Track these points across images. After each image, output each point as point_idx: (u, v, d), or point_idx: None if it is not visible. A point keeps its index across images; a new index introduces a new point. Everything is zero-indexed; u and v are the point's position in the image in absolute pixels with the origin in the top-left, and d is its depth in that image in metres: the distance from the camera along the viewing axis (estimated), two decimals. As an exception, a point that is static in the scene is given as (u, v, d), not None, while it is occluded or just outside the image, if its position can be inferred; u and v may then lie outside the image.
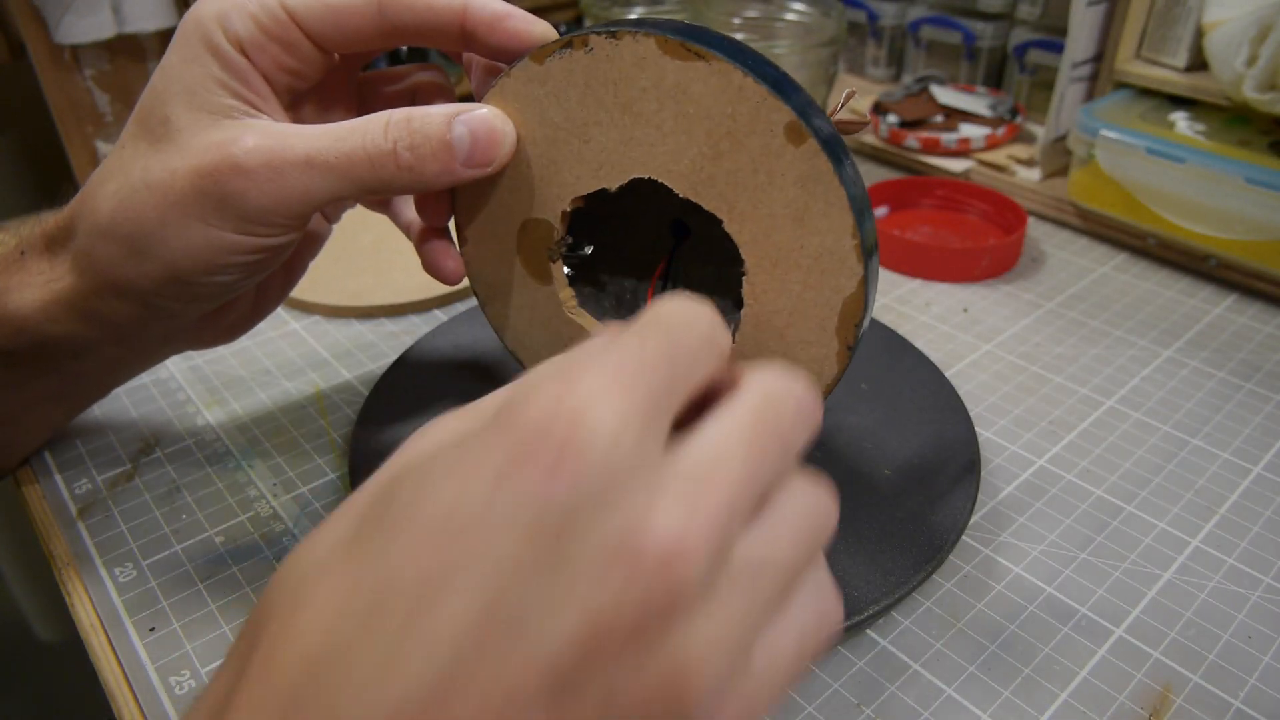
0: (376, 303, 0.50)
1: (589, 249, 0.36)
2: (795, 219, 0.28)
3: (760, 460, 0.19)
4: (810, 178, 0.27)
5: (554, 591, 0.16)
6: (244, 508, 0.37)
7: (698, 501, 0.17)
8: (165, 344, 0.36)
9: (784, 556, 0.19)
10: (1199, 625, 0.32)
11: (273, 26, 0.28)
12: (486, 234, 0.34)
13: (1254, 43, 0.49)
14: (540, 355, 0.36)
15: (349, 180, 0.28)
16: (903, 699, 0.30)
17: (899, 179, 0.60)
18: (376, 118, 0.28)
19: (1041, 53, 0.68)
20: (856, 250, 0.28)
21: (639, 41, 0.27)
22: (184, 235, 0.29)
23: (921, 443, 0.37)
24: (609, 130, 0.29)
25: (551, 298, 0.34)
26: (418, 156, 0.28)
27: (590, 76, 0.29)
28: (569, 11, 0.79)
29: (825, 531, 0.20)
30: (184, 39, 0.29)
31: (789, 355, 0.31)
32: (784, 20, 0.63)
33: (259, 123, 0.29)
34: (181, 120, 0.28)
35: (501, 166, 0.30)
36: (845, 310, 0.29)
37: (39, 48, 0.59)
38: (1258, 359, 0.46)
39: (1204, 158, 0.49)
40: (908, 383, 0.41)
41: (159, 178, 0.28)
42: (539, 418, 0.17)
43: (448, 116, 0.28)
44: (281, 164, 0.28)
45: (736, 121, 0.27)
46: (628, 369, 0.18)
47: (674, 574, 0.16)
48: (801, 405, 0.20)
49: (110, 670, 0.31)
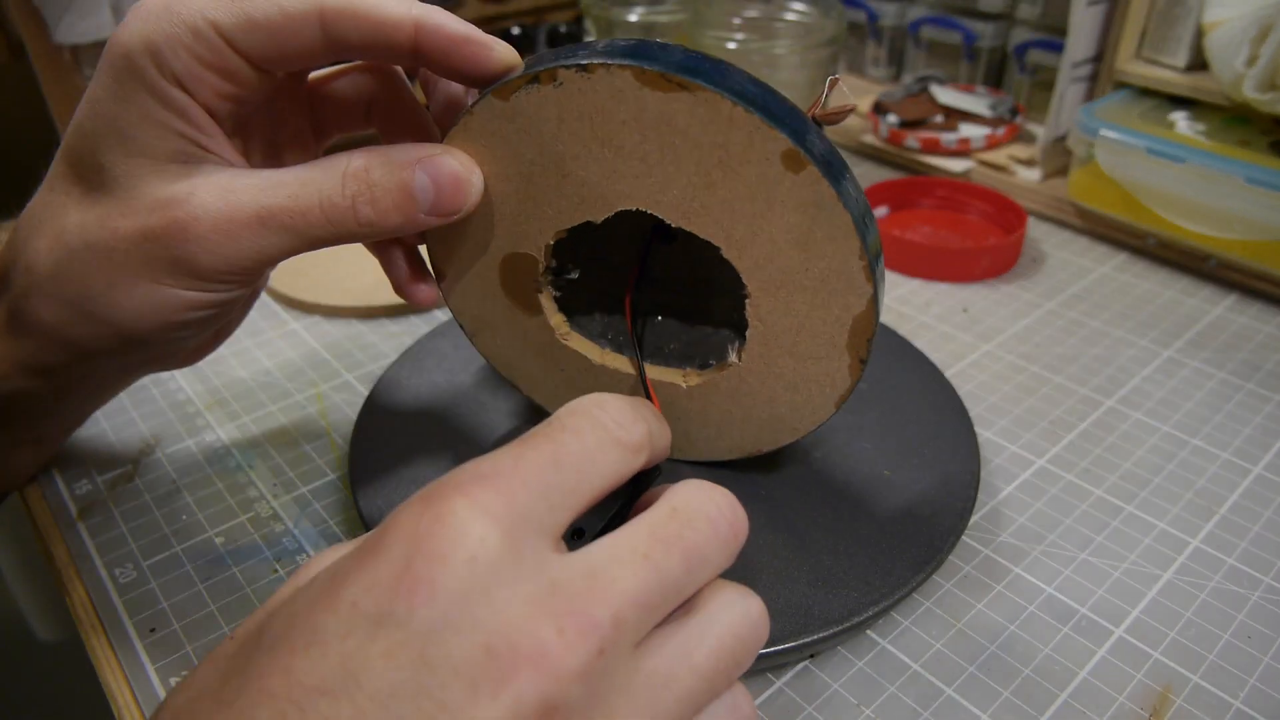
0: (376, 303, 0.50)
1: (575, 273, 0.34)
2: (798, 244, 0.27)
3: (655, 572, 0.18)
4: (812, 204, 0.26)
5: (426, 710, 0.16)
6: (244, 508, 0.37)
7: (572, 610, 0.17)
8: (124, 376, 0.34)
9: (696, 672, 0.18)
10: (1199, 625, 0.32)
11: (209, 56, 0.25)
12: (466, 270, 0.32)
13: (1254, 43, 0.49)
14: (538, 382, 0.35)
15: (305, 238, 0.27)
16: (903, 699, 0.30)
17: (899, 179, 0.60)
18: (333, 168, 0.26)
19: (1041, 53, 0.68)
20: (865, 270, 0.27)
21: (613, 74, 0.25)
22: (133, 297, 0.27)
23: (921, 443, 0.37)
24: (588, 164, 0.28)
25: (543, 327, 0.33)
26: (378, 210, 0.27)
27: (563, 111, 0.27)
28: (569, 11, 0.79)
29: (749, 647, 0.20)
30: (113, 74, 0.26)
31: (800, 371, 0.30)
32: (784, 20, 0.63)
33: (206, 174, 0.26)
34: (118, 169, 0.26)
35: (469, 213, 0.29)
36: (856, 327, 0.28)
37: (39, 48, 0.59)
38: (1258, 359, 0.46)
39: (1204, 158, 0.49)
40: (907, 383, 0.41)
41: (99, 237, 0.26)
42: (395, 543, 0.17)
43: (408, 164, 0.27)
44: (233, 225, 0.26)
45: (729, 151, 0.26)
46: (495, 484, 0.18)
47: (545, 684, 0.16)
48: (715, 519, 0.20)
49: (110, 670, 0.31)
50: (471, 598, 0.17)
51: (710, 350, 0.35)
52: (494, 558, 0.17)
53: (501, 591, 0.17)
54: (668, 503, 0.20)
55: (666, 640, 0.19)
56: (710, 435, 0.34)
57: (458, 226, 0.31)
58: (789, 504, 0.34)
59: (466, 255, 0.32)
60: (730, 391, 0.32)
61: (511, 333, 0.34)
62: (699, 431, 0.34)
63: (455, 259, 0.32)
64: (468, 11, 0.73)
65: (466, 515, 0.17)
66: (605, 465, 0.20)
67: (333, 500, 0.38)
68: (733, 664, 0.19)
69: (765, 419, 0.32)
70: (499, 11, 0.75)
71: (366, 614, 0.17)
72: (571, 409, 0.20)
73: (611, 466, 0.20)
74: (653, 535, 0.19)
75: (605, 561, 0.18)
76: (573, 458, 0.19)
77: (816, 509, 0.34)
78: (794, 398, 0.31)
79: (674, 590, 0.19)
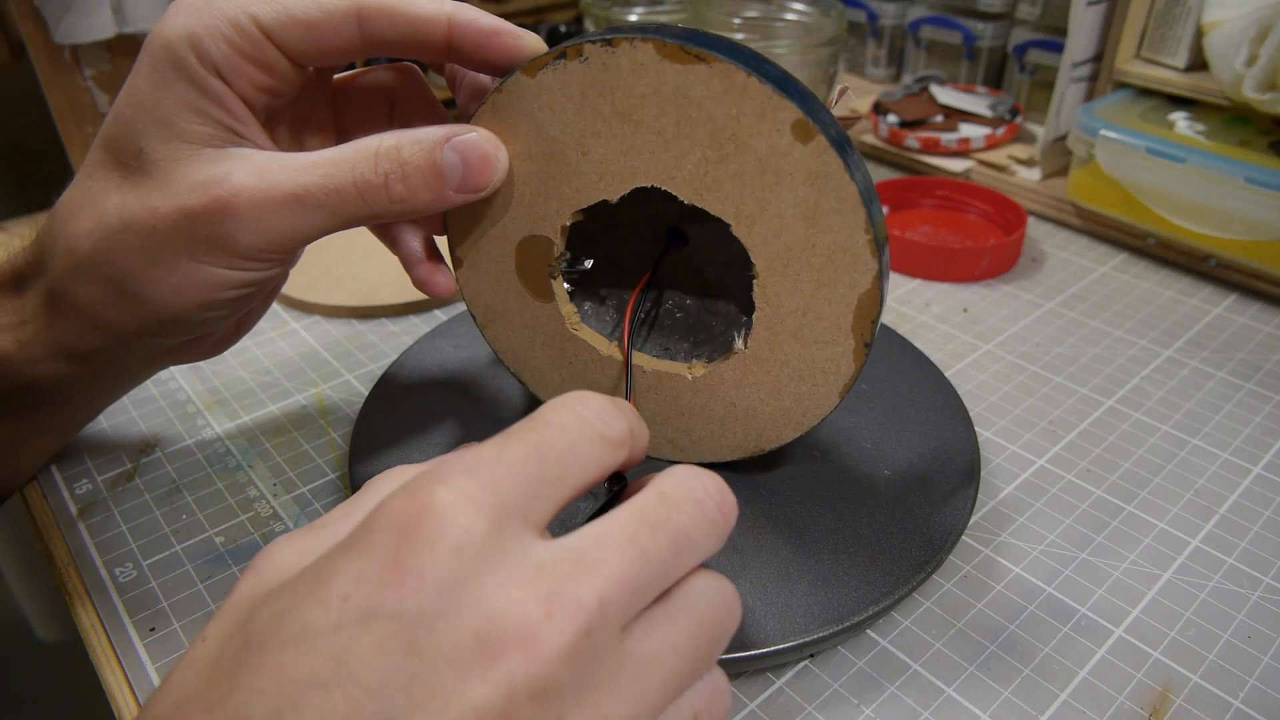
0: (376, 303, 0.50)
1: (589, 263, 0.35)
2: (806, 218, 0.28)
3: (641, 555, 0.18)
4: (820, 175, 0.27)
5: (418, 698, 0.16)
6: (244, 508, 0.37)
7: (559, 592, 0.17)
8: (150, 365, 0.35)
9: (679, 655, 0.19)
10: (1199, 625, 0.32)
11: (248, 47, 0.27)
12: (483, 255, 0.33)
13: (1254, 43, 0.49)
14: (544, 375, 0.36)
15: (339, 215, 0.28)
16: (903, 699, 0.30)
17: (899, 179, 0.60)
18: (365, 148, 0.27)
19: (1041, 53, 0.68)
20: (870, 245, 0.27)
21: (636, 47, 0.27)
22: (173, 276, 0.28)
23: (921, 443, 0.37)
24: (608, 140, 0.29)
25: (553, 315, 0.34)
26: (409, 188, 0.27)
27: (586, 86, 0.28)
28: (569, 11, 0.79)
29: (726, 630, 0.20)
30: (153, 63, 0.27)
31: (805, 357, 0.31)
32: (784, 20, 0.63)
33: (244, 156, 0.27)
34: (158, 152, 0.27)
35: (495, 190, 0.30)
36: (861, 307, 0.29)
37: (39, 48, 0.59)
38: (1258, 359, 0.46)
39: (1204, 158, 0.49)
40: (908, 383, 0.41)
41: (140, 217, 0.27)
42: (382, 534, 0.17)
43: (438, 143, 0.28)
44: (270, 203, 0.27)
45: (741, 123, 0.27)
46: (479, 473, 0.18)
47: (533, 665, 0.16)
48: (704, 502, 0.20)
49: (110, 670, 0.31)
50: (459, 586, 0.17)
51: (716, 351, 0.35)
52: (480, 546, 0.17)
53: (489, 578, 0.17)
54: (656, 487, 0.20)
55: (652, 623, 0.19)
56: (714, 432, 0.34)
57: (479, 208, 0.32)
58: (789, 504, 0.34)
59: (485, 238, 0.33)
60: (735, 382, 0.32)
61: (522, 322, 0.35)
62: (702, 429, 0.34)
63: (473, 242, 0.33)
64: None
65: (452, 505, 0.17)
66: (588, 458, 0.20)
67: (332, 500, 0.38)
68: (713, 646, 0.20)
69: (770, 412, 0.32)
70: (499, 11, 0.75)
71: (356, 607, 0.17)
72: (555, 404, 0.20)
73: (595, 460, 0.20)
74: (640, 519, 0.19)
75: (592, 546, 0.18)
76: (556, 450, 0.19)
77: (816, 509, 0.34)
78: (799, 388, 0.31)
79: (661, 574, 0.19)
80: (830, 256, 0.28)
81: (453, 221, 0.33)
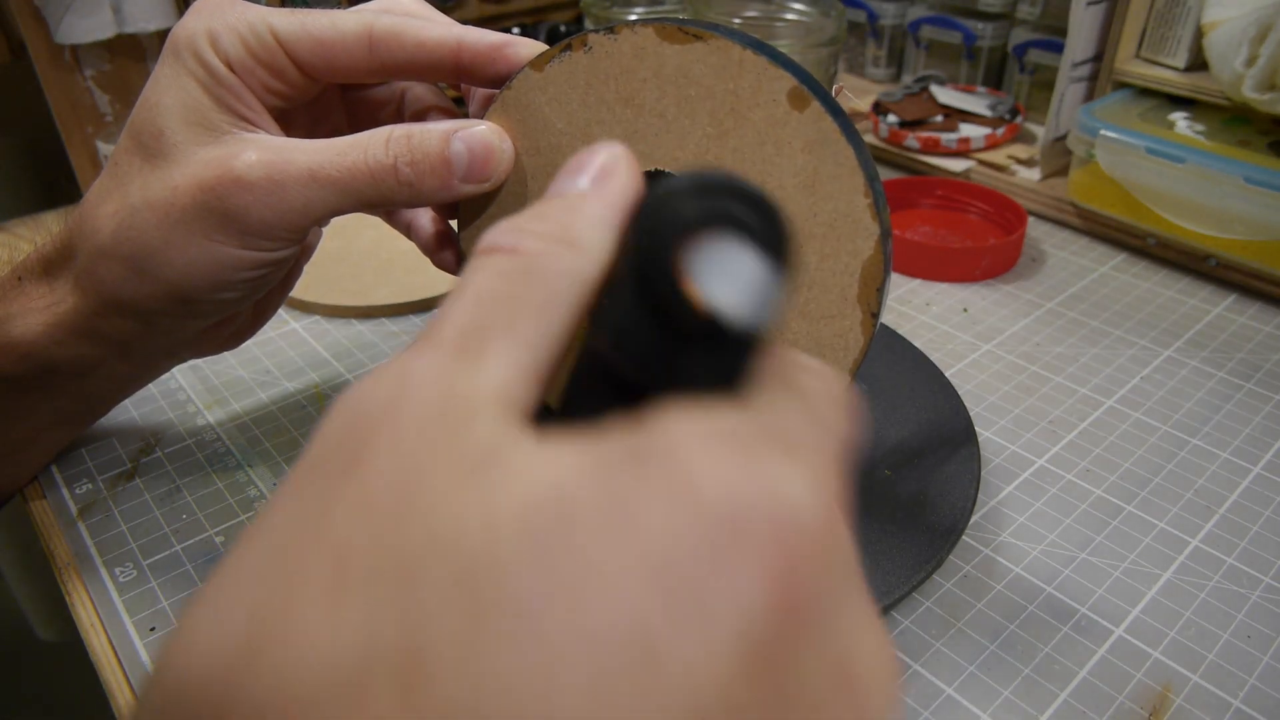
0: (376, 303, 0.50)
1: None
2: (806, 187, 0.28)
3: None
4: (818, 141, 0.27)
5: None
6: (244, 508, 0.37)
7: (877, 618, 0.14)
8: (169, 356, 0.36)
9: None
10: (1199, 625, 0.32)
11: (260, 51, 0.28)
12: None
13: (1254, 43, 0.49)
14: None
15: (350, 194, 0.29)
16: (903, 698, 0.30)
17: (899, 179, 0.60)
18: (378, 133, 0.29)
19: (1041, 53, 0.68)
20: (870, 209, 0.28)
21: (637, 33, 0.28)
22: (187, 253, 0.29)
23: (921, 443, 0.37)
24: (611, 127, 0.29)
25: None
26: (417, 172, 0.29)
27: (591, 75, 0.29)
28: (569, 11, 0.79)
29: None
30: (175, 54, 0.29)
31: (812, 334, 0.30)
32: (784, 20, 0.63)
33: (258, 137, 0.29)
34: (178, 136, 0.28)
35: (500, 182, 0.31)
36: (865, 274, 0.29)
37: (39, 48, 0.59)
38: (1258, 359, 0.46)
39: (1204, 158, 0.49)
40: (907, 383, 0.41)
41: (159, 195, 0.28)
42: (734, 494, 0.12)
43: (447, 133, 0.29)
44: (283, 178, 0.28)
45: (739, 97, 0.27)
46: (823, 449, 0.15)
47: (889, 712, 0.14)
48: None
49: (110, 670, 0.31)
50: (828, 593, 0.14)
51: None
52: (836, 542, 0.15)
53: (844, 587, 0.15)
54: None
55: None
56: None
57: (488, 201, 0.33)
58: (789, 504, 0.34)
59: None
60: None
61: None
62: None
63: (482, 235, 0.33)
64: (468, 12, 0.73)
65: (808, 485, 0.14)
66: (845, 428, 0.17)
67: (333, 500, 0.38)
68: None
69: None
70: (499, 11, 0.75)
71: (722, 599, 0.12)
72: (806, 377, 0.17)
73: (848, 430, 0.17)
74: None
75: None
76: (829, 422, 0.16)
77: (816, 509, 0.34)
78: None
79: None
80: (832, 224, 0.28)
81: (464, 215, 0.34)
